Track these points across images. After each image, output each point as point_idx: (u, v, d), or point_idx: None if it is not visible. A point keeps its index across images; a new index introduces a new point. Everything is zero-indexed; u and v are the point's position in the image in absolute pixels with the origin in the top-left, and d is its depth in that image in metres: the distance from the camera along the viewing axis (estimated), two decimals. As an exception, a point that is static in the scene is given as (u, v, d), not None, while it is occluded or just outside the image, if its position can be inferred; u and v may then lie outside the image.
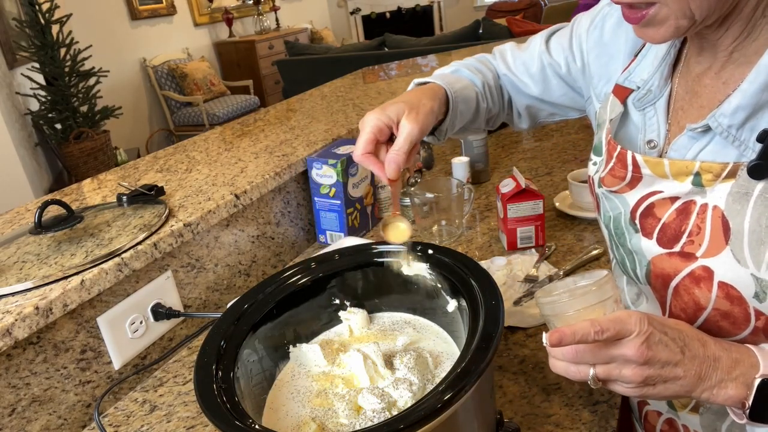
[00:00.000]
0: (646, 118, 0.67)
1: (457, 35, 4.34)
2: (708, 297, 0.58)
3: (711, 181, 0.58)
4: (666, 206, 0.62)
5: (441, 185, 1.25)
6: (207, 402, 0.54)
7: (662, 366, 0.53)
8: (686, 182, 0.60)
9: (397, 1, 8.26)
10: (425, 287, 0.72)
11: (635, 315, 0.53)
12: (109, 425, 0.84)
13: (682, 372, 0.53)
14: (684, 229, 0.60)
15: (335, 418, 0.59)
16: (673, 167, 0.61)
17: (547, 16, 6.93)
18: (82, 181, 1.29)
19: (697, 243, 0.58)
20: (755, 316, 0.56)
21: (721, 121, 0.57)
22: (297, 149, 1.30)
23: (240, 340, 0.64)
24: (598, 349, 0.54)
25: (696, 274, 0.58)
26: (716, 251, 0.57)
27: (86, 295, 0.82)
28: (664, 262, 0.62)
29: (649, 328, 0.53)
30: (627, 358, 0.53)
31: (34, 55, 3.95)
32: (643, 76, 0.68)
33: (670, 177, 0.61)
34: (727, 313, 0.57)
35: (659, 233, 0.63)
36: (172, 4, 5.83)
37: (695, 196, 0.59)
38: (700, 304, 0.59)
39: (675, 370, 0.53)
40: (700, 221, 0.58)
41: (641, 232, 0.65)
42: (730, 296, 0.56)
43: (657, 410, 0.74)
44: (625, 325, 0.53)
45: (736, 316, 0.57)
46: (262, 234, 1.18)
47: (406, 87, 0.85)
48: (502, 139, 1.89)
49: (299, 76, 4.72)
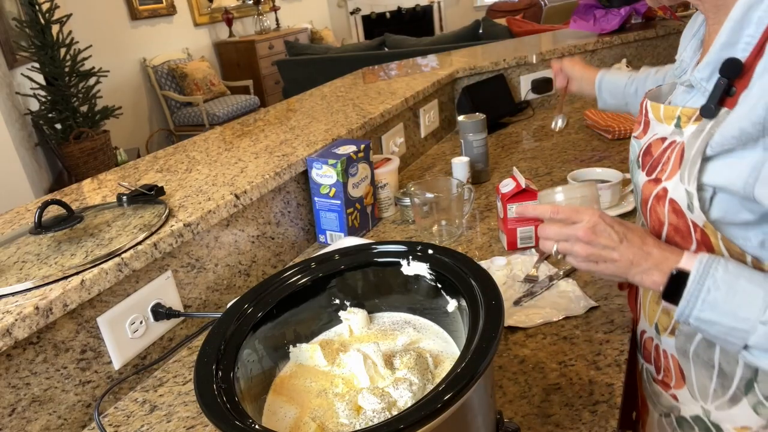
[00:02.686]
0: (678, 84, 0.81)
1: (457, 35, 4.34)
2: (663, 213, 0.73)
3: (686, 123, 0.72)
4: (658, 146, 0.77)
5: (441, 185, 1.25)
6: (207, 402, 0.54)
7: (602, 248, 0.71)
8: (671, 125, 0.74)
9: (397, 1, 8.26)
10: (425, 287, 0.72)
11: (590, 210, 0.73)
12: (109, 425, 0.84)
13: (618, 255, 0.70)
14: (661, 161, 0.75)
15: (335, 418, 0.59)
16: (665, 112, 0.76)
17: (547, 16, 6.93)
18: (82, 181, 1.29)
19: (665, 170, 0.73)
20: (693, 227, 0.70)
21: (696, 75, 0.71)
22: (297, 149, 1.30)
23: (240, 340, 0.64)
24: (559, 228, 0.73)
25: (659, 194, 0.73)
26: (672, 175, 0.71)
27: (86, 295, 0.82)
28: (646, 188, 0.76)
29: (598, 219, 0.71)
30: (577, 237, 0.71)
31: (34, 55, 3.95)
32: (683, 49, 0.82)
33: (663, 120, 0.77)
34: (677, 227, 0.72)
35: (649, 166, 0.77)
36: (172, 4, 5.83)
37: (676, 136, 0.73)
38: (660, 220, 0.74)
39: (612, 253, 0.70)
40: (671, 153, 0.73)
41: (641, 168, 0.80)
42: (675, 210, 0.71)
43: (650, 336, 0.86)
44: (578, 214, 0.72)
45: (683, 230, 0.71)
46: (262, 234, 1.18)
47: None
48: (502, 139, 1.89)
49: (299, 76, 4.72)
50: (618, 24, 2.15)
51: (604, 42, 2.15)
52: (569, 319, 0.93)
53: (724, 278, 0.64)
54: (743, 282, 0.64)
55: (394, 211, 1.42)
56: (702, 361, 0.77)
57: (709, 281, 0.64)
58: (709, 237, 0.68)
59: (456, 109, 2.06)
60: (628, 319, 0.91)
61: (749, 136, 0.62)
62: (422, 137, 1.85)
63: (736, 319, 0.63)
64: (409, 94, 1.71)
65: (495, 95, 2.01)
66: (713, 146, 0.65)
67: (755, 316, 0.62)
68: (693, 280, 0.65)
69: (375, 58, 4.06)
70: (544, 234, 0.76)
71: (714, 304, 0.64)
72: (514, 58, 2.07)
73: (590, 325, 0.91)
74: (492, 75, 2.06)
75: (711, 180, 0.66)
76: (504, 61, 2.07)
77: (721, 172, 0.65)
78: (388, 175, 1.37)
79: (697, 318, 0.66)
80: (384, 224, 1.37)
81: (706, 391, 0.78)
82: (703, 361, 0.77)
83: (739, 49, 0.65)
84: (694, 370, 0.78)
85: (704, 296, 0.65)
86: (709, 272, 0.65)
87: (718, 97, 0.66)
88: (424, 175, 1.66)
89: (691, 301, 0.65)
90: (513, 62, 2.08)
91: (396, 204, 1.40)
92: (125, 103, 5.11)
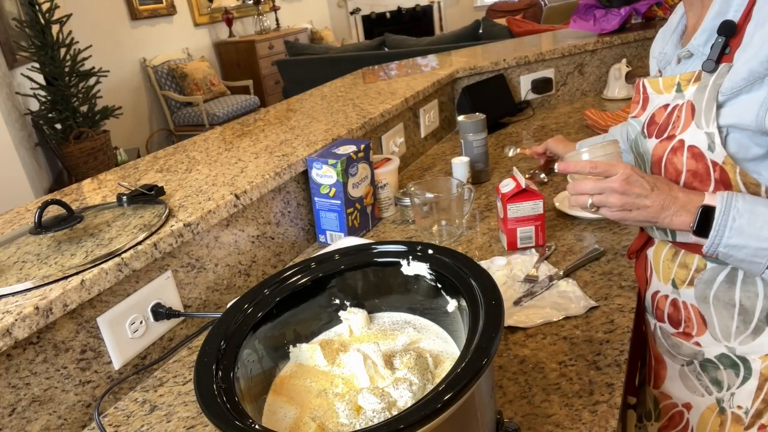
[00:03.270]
0: (664, 73, 0.92)
1: (457, 35, 4.33)
2: (681, 161, 0.81)
3: (686, 85, 0.82)
4: (662, 113, 0.86)
5: (441, 185, 1.25)
6: (207, 402, 0.54)
7: (636, 196, 0.79)
8: (672, 92, 0.85)
9: (397, 1, 8.26)
10: (425, 287, 0.72)
11: (622, 164, 0.80)
12: (109, 425, 0.84)
13: (650, 202, 0.79)
14: (670, 122, 0.84)
15: (335, 418, 0.59)
16: (664, 82, 0.87)
17: (547, 16, 6.92)
18: (82, 181, 1.29)
19: (677, 127, 0.82)
20: (712, 167, 0.78)
21: (694, 42, 0.83)
22: (297, 149, 1.30)
23: (240, 340, 0.64)
24: (594, 182, 0.81)
25: (675, 147, 0.82)
26: (686, 127, 0.80)
27: (86, 295, 0.82)
28: (658, 149, 0.85)
29: (630, 172, 0.79)
30: (612, 188, 0.79)
31: (34, 55, 3.95)
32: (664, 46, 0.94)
33: (663, 91, 0.87)
34: (695, 172, 0.80)
35: (657, 131, 0.87)
36: (172, 4, 5.83)
37: (678, 100, 0.84)
38: (678, 169, 0.82)
39: (645, 201, 0.79)
40: (679, 113, 0.82)
41: (647, 136, 0.88)
42: (695, 154, 0.79)
43: (664, 294, 0.94)
44: (613, 168, 0.80)
45: (702, 173, 0.79)
46: (262, 234, 1.18)
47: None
48: (502, 139, 1.89)
49: (299, 76, 4.72)
50: (618, 24, 2.15)
51: (604, 42, 2.15)
52: (569, 319, 0.93)
53: (744, 206, 0.74)
54: (761, 208, 0.73)
55: (394, 211, 1.42)
56: (722, 303, 0.85)
57: (733, 211, 0.74)
58: (728, 173, 0.77)
59: (456, 109, 2.05)
60: (629, 319, 0.91)
61: (757, 75, 0.72)
62: (422, 137, 1.85)
63: (760, 239, 0.73)
64: (409, 94, 1.71)
65: (495, 95, 2.01)
66: (724, 92, 0.75)
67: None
68: (720, 212, 0.75)
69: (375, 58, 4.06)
70: (578, 189, 0.82)
71: (740, 229, 0.74)
72: (514, 58, 2.07)
73: (590, 325, 0.91)
74: (492, 75, 2.06)
75: (725, 121, 0.76)
76: (504, 61, 2.07)
77: (733, 113, 0.75)
78: (388, 175, 1.37)
79: (727, 245, 0.75)
80: (384, 224, 1.37)
81: (729, 330, 0.85)
82: (723, 303, 0.85)
83: (730, 14, 0.78)
84: (716, 314, 0.86)
85: (731, 224, 0.74)
86: (732, 203, 0.74)
87: (718, 53, 0.78)
88: (424, 175, 1.66)
89: (720, 230, 0.75)
90: (513, 62, 2.08)
91: (396, 204, 1.40)
92: (125, 103, 5.11)
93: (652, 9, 2.27)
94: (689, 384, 0.94)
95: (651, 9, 2.25)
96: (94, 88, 4.25)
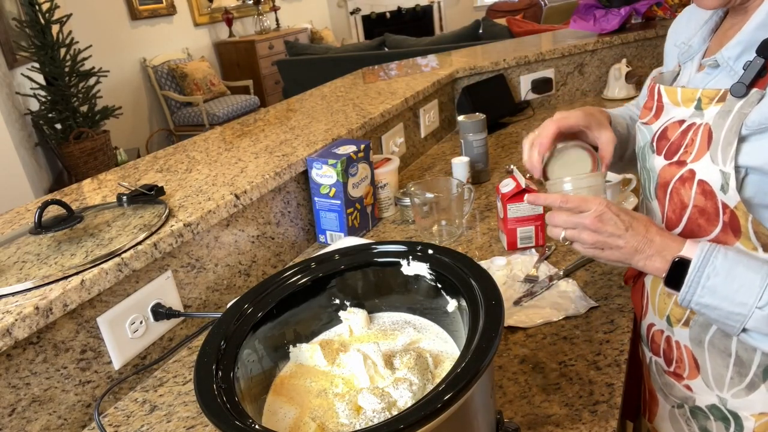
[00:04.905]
0: (683, 69, 0.83)
1: (457, 35, 4.33)
2: (689, 195, 0.74)
3: (707, 104, 0.72)
4: (675, 129, 0.77)
5: (441, 185, 1.25)
6: (207, 402, 0.54)
7: (609, 235, 0.73)
8: (691, 107, 0.75)
9: (397, 1, 8.26)
10: (425, 287, 0.72)
11: (597, 199, 0.74)
12: (109, 425, 0.84)
13: (623, 243, 0.72)
14: (683, 143, 0.75)
15: (335, 418, 0.59)
16: (683, 95, 0.77)
17: (547, 16, 6.93)
18: (82, 181, 1.29)
19: (689, 152, 0.74)
20: (722, 209, 0.70)
21: (724, 53, 0.72)
22: (297, 149, 1.30)
23: (240, 340, 0.64)
24: (567, 216, 0.75)
25: (684, 177, 0.74)
26: (700, 156, 0.72)
27: (86, 295, 0.82)
28: (666, 172, 0.77)
29: (605, 209, 0.73)
30: (584, 225, 0.74)
31: (34, 55, 3.95)
32: (689, 36, 0.83)
33: (681, 104, 0.77)
34: (703, 209, 0.72)
35: (667, 150, 0.78)
36: (172, 4, 5.83)
37: (696, 118, 0.74)
38: (684, 202, 0.75)
39: (617, 241, 0.73)
40: (694, 135, 0.73)
41: (656, 152, 0.80)
42: (705, 192, 0.71)
43: (660, 329, 0.87)
44: (586, 203, 0.74)
45: (710, 212, 0.72)
46: (262, 234, 1.18)
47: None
48: (502, 139, 1.89)
49: (299, 76, 4.72)
50: (618, 24, 2.15)
51: (604, 42, 2.15)
52: (569, 319, 0.93)
53: (723, 265, 0.67)
54: (741, 269, 0.66)
55: (394, 211, 1.42)
56: (718, 350, 0.78)
57: (709, 268, 0.67)
58: (739, 219, 0.70)
59: (456, 109, 2.05)
60: (629, 319, 0.91)
61: None
62: (422, 137, 1.85)
63: (734, 303, 0.66)
64: (409, 94, 1.71)
65: (495, 95, 2.01)
66: (749, 125, 0.66)
67: (752, 302, 0.65)
68: (694, 267, 0.68)
69: (375, 58, 4.06)
70: (552, 221, 0.78)
71: (713, 289, 0.67)
72: (514, 58, 2.07)
73: (590, 325, 0.91)
74: (492, 75, 2.06)
75: (745, 161, 0.67)
76: (504, 61, 2.07)
77: (756, 153, 0.66)
78: (388, 175, 1.37)
79: (698, 303, 0.69)
80: (384, 224, 1.37)
81: (723, 380, 0.79)
82: (719, 350, 0.78)
83: None
84: (710, 360, 0.79)
85: (704, 282, 0.68)
86: (710, 260, 0.68)
87: (753, 76, 0.67)
88: (424, 175, 1.66)
89: (692, 286, 0.69)
90: (513, 62, 2.08)
91: (396, 204, 1.40)
92: (125, 103, 5.11)
93: (652, 9, 2.27)
94: (678, 427, 0.88)
95: (651, 9, 2.25)
96: (94, 88, 4.25)
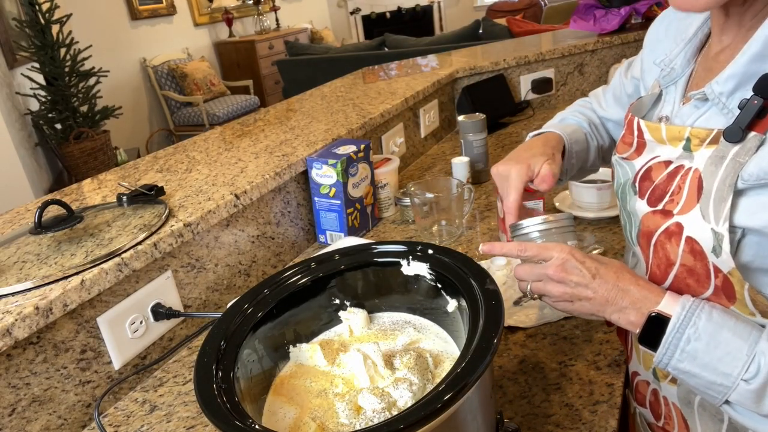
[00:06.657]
0: (665, 94, 0.73)
1: (457, 35, 4.33)
2: (676, 252, 0.63)
3: (697, 146, 0.63)
4: (661, 170, 0.68)
5: (441, 185, 1.25)
6: (207, 402, 0.54)
7: (575, 285, 0.66)
8: (678, 147, 0.66)
9: (397, 1, 8.26)
10: (425, 287, 0.72)
11: (559, 246, 0.68)
12: (109, 425, 0.84)
13: (591, 293, 0.65)
14: (668, 189, 0.66)
15: (335, 418, 0.59)
16: (669, 132, 0.67)
17: (547, 16, 6.93)
18: (82, 181, 1.29)
19: (676, 202, 0.64)
20: (714, 272, 0.61)
21: (715, 88, 0.62)
22: (297, 149, 1.30)
23: (240, 340, 0.64)
24: (531, 268, 0.69)
25: (670, 230, 0.64)
26: (688, 209, 0.62)
27: (86, 295, 0.82)
28: (649, 220, 0.67)
29: (567, 256, 0.66)
30: (548, 276, 0.67)
31: (34, 55, 3.95)
32: (670, 56, 0.73)
33: (666, 142, 0.68)
34: (692, 269, 0.63)
35: (650, 194, 0.68)
36: (172, 4, 5.83)
37: (684, 160, 0.65)
38: (670, 259, 0.65)
39: (585, 291, 0.65)
40: (682, 182, 0.64)
41: (638, 194, 0.71)
42: (694, 251, 0.61)
43: (645, 380, 0.78)
44: (546, 251, 0.68)
45: (699, 273, 0.62)
46: (262, 234, 1.18)
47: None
48: (502, 139, 1.89)
49: (299, 76, 4.72)
50: (618, 24, 2.15)
51: (604, 42, 2.15)
52: (569, 319, 0.93)
53: (706, 328, 0.59)
54: (726, 333, 0.58)
55: (394, 211, 1.42)
56: (709, 414, 0.69)
57: (690, 330, 0.59)
58: (734, 285, 0.60)
59: (456, 109, 2.05)
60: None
61: None
62: (422, 137, 1.85)
63: (716, 373, 0.58)
64: (409, 94, 1.71)
65: (495, 95, 2.01)
66: (746, 178, 0.56)
67: (737, 373, 0.57)
68: (673, 328, 0.60)
69: (375, 58, 4.06)
70: (517, 275, 0.72)
71: (694, 355, 0.59)
72: (514, 58, 2.07)
73: (590, 325, 0.91)
74: (492, 75, 2.06)
75: (743, 220, 0.57)
76: (504, 61, 2.07)
77: (755, 212, 0.57)
78: (388, 175, 1.37)
79: (675, 368, 0.61)
80: (384, 224, 1.37)
81: None
82: (710, 414, 0.69)
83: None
84: (700, 423, 0.71)
85: (683, 346, 0.59)
86: (692, 320, 0.59)
87: (750, 118, 0.57)
88: (424, 175, 1.66)
89: (670, 349, 0.60)
90: (513, 62, 2.08)
91: (396, 204, 1.40)
92: (125, 103, 5.10)
93: (652, 9, 2.26)
94: None
95: (651, 9, 2.25)
96: (94, 88, 4.25)
